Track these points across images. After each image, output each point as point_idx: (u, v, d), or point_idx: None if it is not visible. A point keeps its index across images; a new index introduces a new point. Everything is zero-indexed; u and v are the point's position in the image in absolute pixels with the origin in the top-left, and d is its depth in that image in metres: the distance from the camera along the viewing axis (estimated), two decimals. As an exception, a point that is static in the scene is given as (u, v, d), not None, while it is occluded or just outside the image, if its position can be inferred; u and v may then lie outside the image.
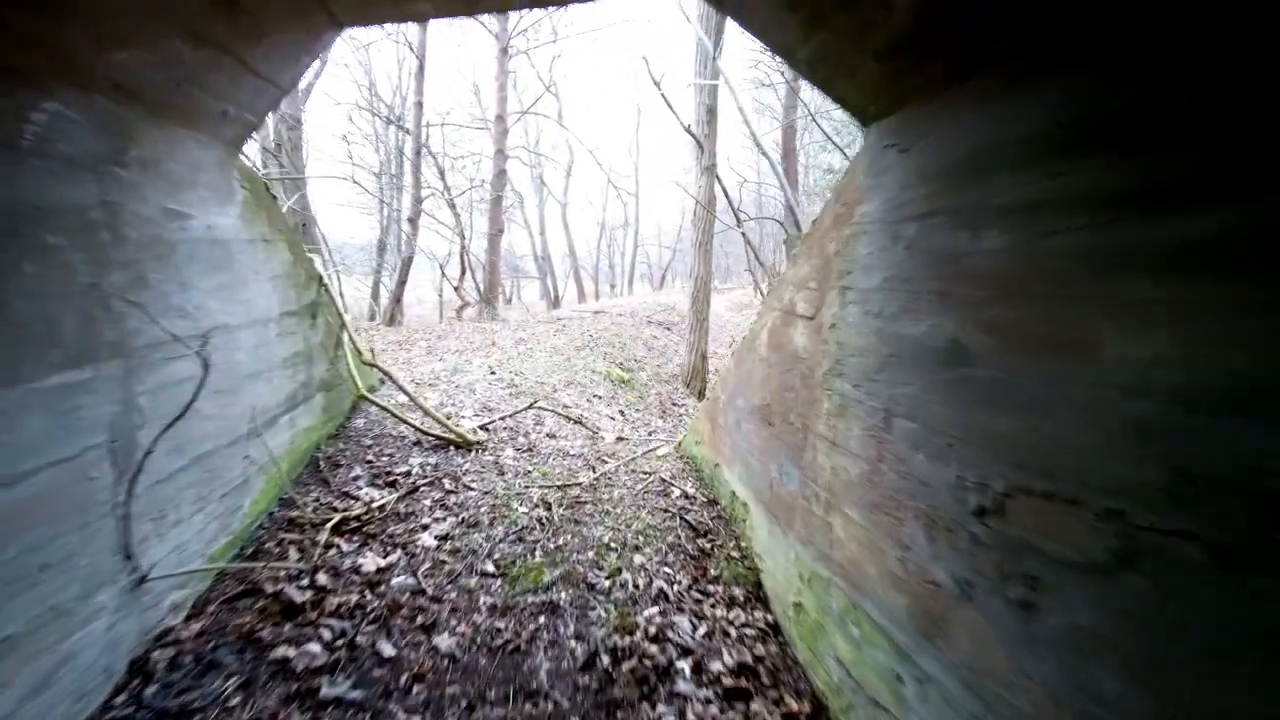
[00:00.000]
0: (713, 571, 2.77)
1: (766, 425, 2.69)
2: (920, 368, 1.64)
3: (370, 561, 2.71)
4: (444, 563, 2.75)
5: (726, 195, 7.73)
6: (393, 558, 2.75)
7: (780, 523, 2.54)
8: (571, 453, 4.00)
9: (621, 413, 5.78)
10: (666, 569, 2.77)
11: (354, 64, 16.59)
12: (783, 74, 11.23)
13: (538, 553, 2.87)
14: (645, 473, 3.71)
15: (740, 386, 3.06)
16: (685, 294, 25.84)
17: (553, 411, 4.58)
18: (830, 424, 2.11)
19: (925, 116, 1.69)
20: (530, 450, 3.95)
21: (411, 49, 12.09)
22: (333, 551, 2.76)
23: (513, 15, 14.46)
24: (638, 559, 2.84)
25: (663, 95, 7.12)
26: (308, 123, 16.47)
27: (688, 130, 7.35)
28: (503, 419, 4.31)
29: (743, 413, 3.01)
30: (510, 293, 31.91)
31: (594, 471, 3.69)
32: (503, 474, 3.60)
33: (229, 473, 2.71)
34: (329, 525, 2.88)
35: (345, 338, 3.86)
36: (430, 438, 3.87)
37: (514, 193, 25.41)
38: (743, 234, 7.81)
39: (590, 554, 2.88)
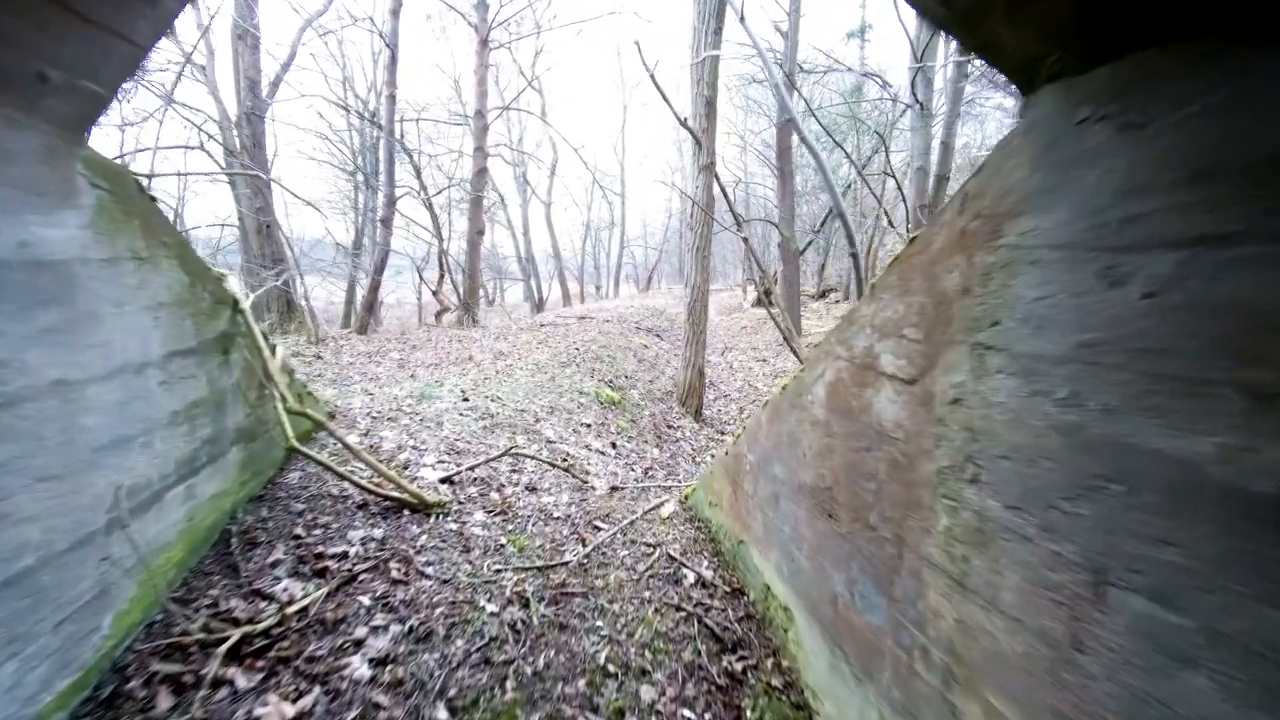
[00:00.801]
0: (749, 714, 2.01)
1: (824, 516, 1.93)
2: (1198, 519, 0.89)
3: (273, 711, 1.91)
4: (379, 707, 1.96)
5: (726, 196, 6.98)
6: (307, 700, 1.96)
7: (851, 661, 1.78)
8: (556, 514, 3.22)
9: (614, 444, 5.00)
10: (687, 712, 2.00)
11: (324, 55, 15.63)
12: (781, 65, 10.50)
13: (509, 683, 2.09)
14: (648, 545, 2.94)
15: (778, 450, 2.30)
16: (673, 296, 25.19)
17: (533, 457, 3.79)
18: (952, 551, 1.36)
19: (1192, 66, 0.94)
20: (504, 513, 3.16)
21: (383, 38, 11.20)
22: (223, 693, 1.96)
23: (493, 5, 13.61)
24: (646, 693, 2.07)
25: (656, 85, 6.34)
26: (278, 118, 15.50)
27: (684, 124, 6.59)
28: (472, 468, 3.52)
29: (783, 486, 2.26)
30: (493, 294, 30.98)
31: (584, 545, 2.91)
32: (468, 550, 2.81)
33: (73, 587, 1.90)
34: (224, 648, 2.08)
35: (272, 379, 3.03)
36: (379, 498, 3.07)
37: (495, 192, 24.56)
38: (744, 239, 7.06)
39: (581, 683, 2.11)
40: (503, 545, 2.88)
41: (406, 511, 3.05)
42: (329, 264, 19.93)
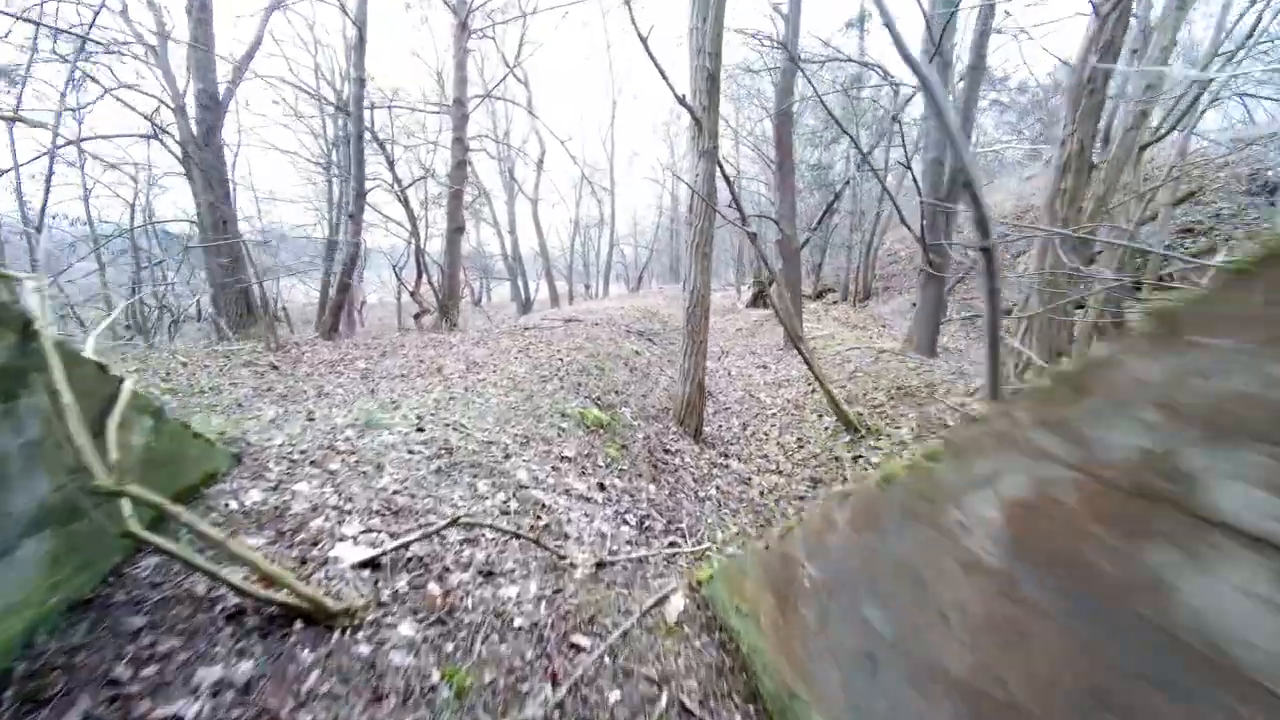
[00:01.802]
0: None
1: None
2: None
3: None
4: None
5: (730, 186, 6.03)
6: None
7: None
8: (517, 620, 2.24)
9: (601, 485, 4.04)
10: None
11: (294, 39, 14.56)
12: (784, 46, 9.54)
13: None
14: (650, 681, 1.98)
15: (874, 579, 1.35)
16: (664, 296, 24.23)
17: (489, 526, 2.80)
18: None
19: None
20: (443, 621, 2.18)
21: (347, 15, 10.16)
22: None
23: (473, -12, 12.59)
24: None
25: (649, 53, 5.38)
26: (248, 106, 14.43)
27: (682, 102, 5.63)
28: (405, 546, 2.54)
29: (887, 649, 1.30)
30: (480, 293, 29.92)
31: (554, 682, 1.95)
32: (380, 698, 1.84)
33: None
34: None
35: (71, 440, 2.01)
36: (260, 601, 2.09)
37: (479, 189, 23.51)
38: (751, 234, 6.11)
39: None
40: (433, 686, 1.90)
41: (300, 622, 2.07)
42: (306, 262, 18.84)
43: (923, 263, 9.12)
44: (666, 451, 5.66)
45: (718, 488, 5.18)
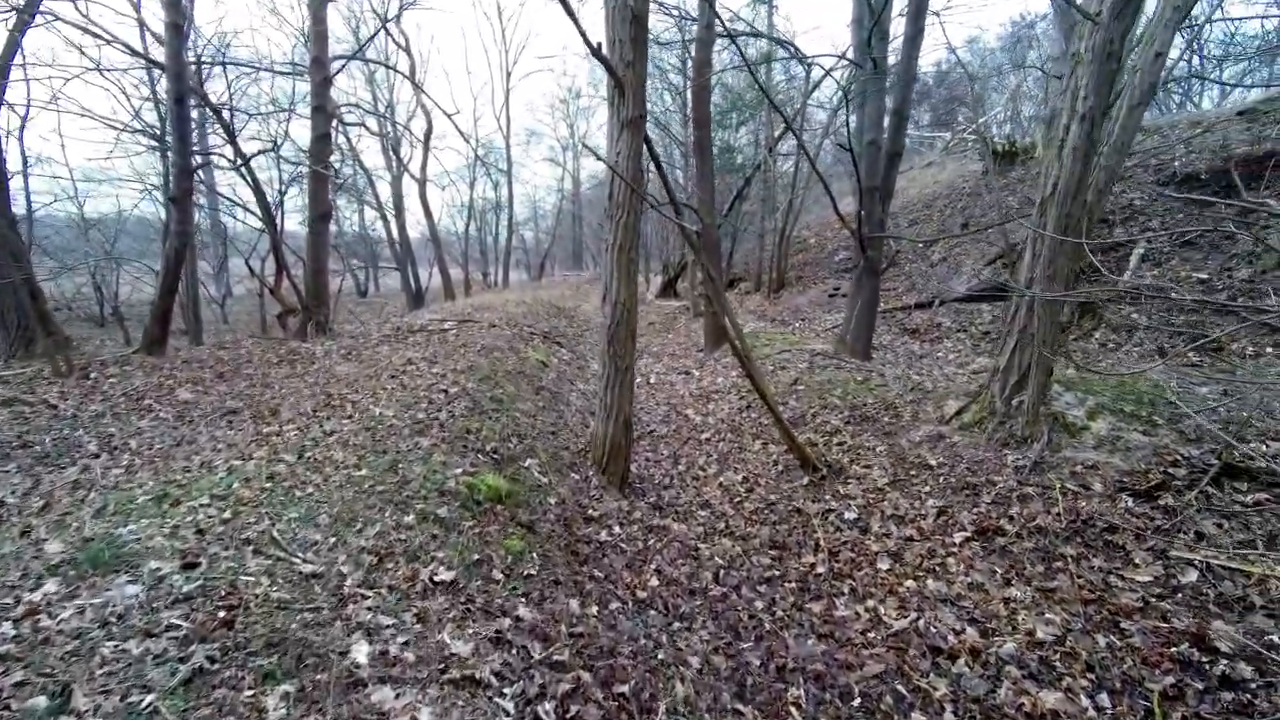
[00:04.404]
0: None
1: None
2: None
3: None
4: None
5: (659, 168, 4.59)
6: None
7: None
8: None
9: (497, 637, 2.54)
10: None
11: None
12: (711, 4, 8.15)
13: None
14: None
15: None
16: (569, 286, 22.52)
17: None
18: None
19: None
20: None
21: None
22: None
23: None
24: None
25: (553, -17, 3.82)
26: (30, 56, 11.40)
27: (596, 54, 4.11)
28: None
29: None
30: (365, 284, 26.92)
31: None
32: None
33: None
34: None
35: None
36: None
37: (360, 168, 20.77)
38: (694, 231, 4.72)
39: None
40: None
41: None
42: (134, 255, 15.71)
43: (857, 256, 8.13)
44: (588, 519, 4.22)
45: (659, 573, 3.80)
